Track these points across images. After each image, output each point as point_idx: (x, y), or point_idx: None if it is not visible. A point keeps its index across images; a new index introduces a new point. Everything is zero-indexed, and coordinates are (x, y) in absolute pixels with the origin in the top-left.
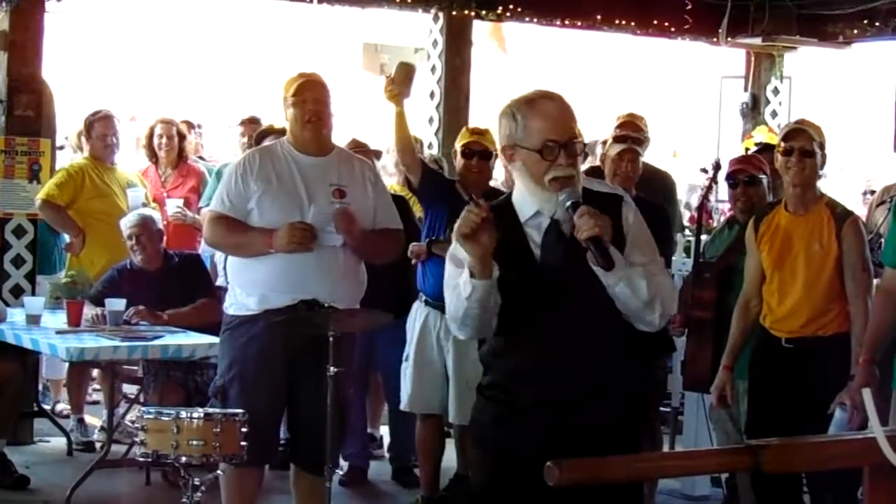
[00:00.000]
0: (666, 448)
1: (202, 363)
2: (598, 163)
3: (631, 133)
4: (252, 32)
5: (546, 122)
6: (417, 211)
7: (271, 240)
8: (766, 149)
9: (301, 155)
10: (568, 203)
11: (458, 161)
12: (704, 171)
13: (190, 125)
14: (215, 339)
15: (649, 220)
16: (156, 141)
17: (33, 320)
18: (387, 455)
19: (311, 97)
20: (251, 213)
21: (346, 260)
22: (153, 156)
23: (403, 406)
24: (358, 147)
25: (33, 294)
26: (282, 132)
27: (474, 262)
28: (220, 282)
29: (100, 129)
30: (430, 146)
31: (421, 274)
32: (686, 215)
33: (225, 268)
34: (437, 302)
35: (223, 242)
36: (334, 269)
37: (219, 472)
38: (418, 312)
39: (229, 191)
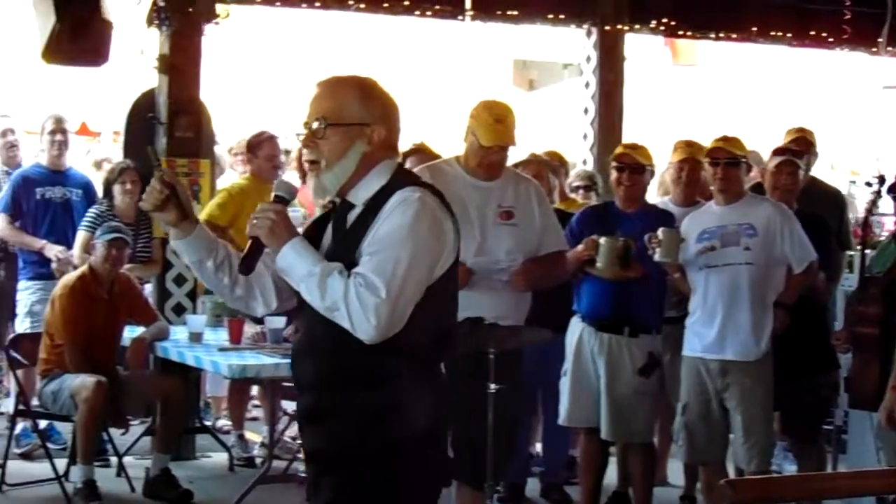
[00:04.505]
0: (829, 468)
1: None
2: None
3: (793, 146)
4: (403, 49)
5: None
6: None
7: None
8: None
9: (471, 178)
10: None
11: (612, 174)
12: (869, 184)
13: None
14: None
15: (807, 231)
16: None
17: (196, 338)
18: (537, 471)
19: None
20: None
21: None
22: (304, 175)
23: (561, 420)
24: (535, 160)
25: (195, 312)
26: (423, 151)
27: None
28: None
29: (267, 150)
30: (584, 162)
31: (576, 290)
32: None
33: None
34: (591, 318)
35: None
36: (500, 287)
37: None
38: (574, 328)
39: None
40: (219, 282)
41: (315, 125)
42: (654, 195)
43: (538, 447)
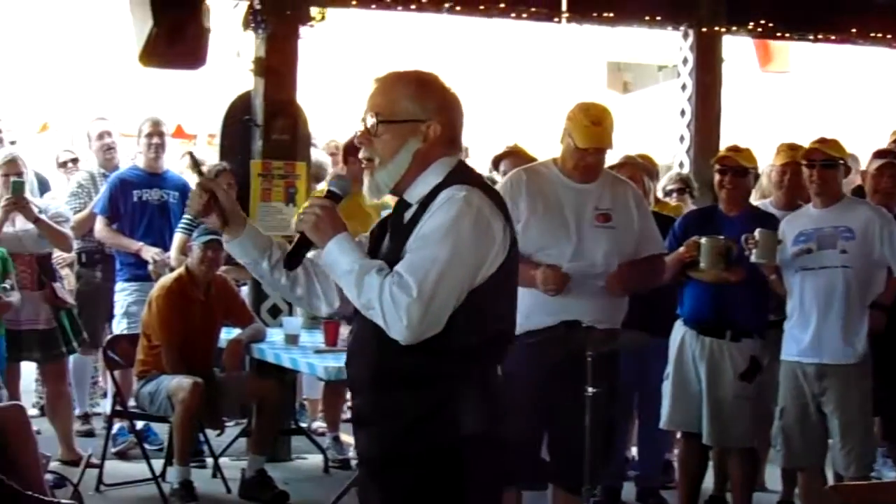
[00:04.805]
0: None
1: None
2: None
3: (894, 149)
4: (497, 51)
5: None
6: None
7: (533, 278)
8: None
9: (568, 180)
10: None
11: (715, 177)
12: None
13: None
14: None
15: None
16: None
17: (292, 340)
18: (632, 475)
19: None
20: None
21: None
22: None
23: (662, 424)
24: (629, 161)
25: (291, 314)
26: (517, 153)
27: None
28: None
29: None
30: (680, 165)
31: (679, 294)
32: None
33: None
34: (693, 322)
35: None
36: (597, 291)
37: None
38: (677, 331)
39: None
40: (276, 281)
41: (369, 122)
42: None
43: (634, 451)
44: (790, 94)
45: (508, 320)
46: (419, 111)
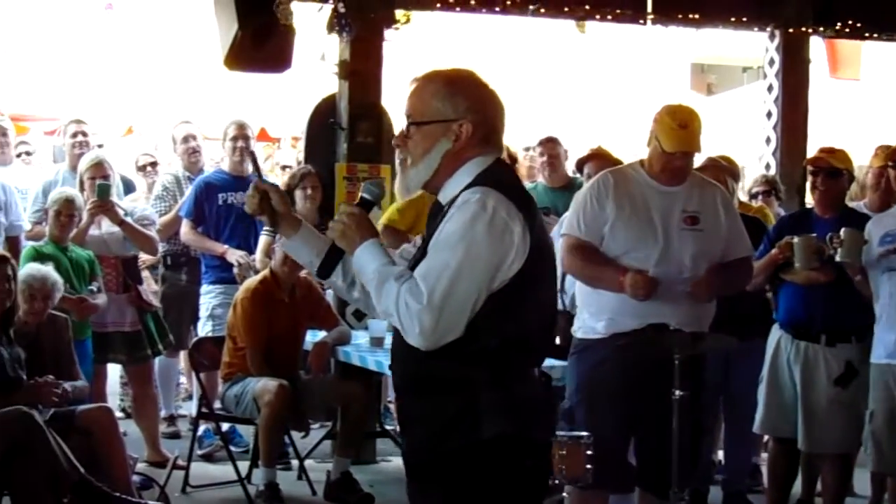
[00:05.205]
0: None
1: None
2: None
3: None
4: (580, 53)
5: None
6: None
7: (622, 283)
8: None
9: (655, 182)
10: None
11: (808, 179)
12: None
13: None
14: (555, 362)
15: None
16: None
17: (377, 342)
18: (718, 479)
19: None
20: (604, 237)
21: None
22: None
23: (756, 428)
24: (713, 164)
25: (376, 317)
26: (601, 156)
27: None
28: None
29: None
30: (766, 167)
31: (774, 297)
32: None
33: (560, 290)
34: (788, 325)
35: (579, 273)
36: (684, 294)
37: (563, 494)
38: (773, 335)
39: (584, 213)
40: (333, 283)
41: (404, 125)
42: None
43: (720, 454)
44: (859, 101)
45: (539, 323)
46: (450, 111)
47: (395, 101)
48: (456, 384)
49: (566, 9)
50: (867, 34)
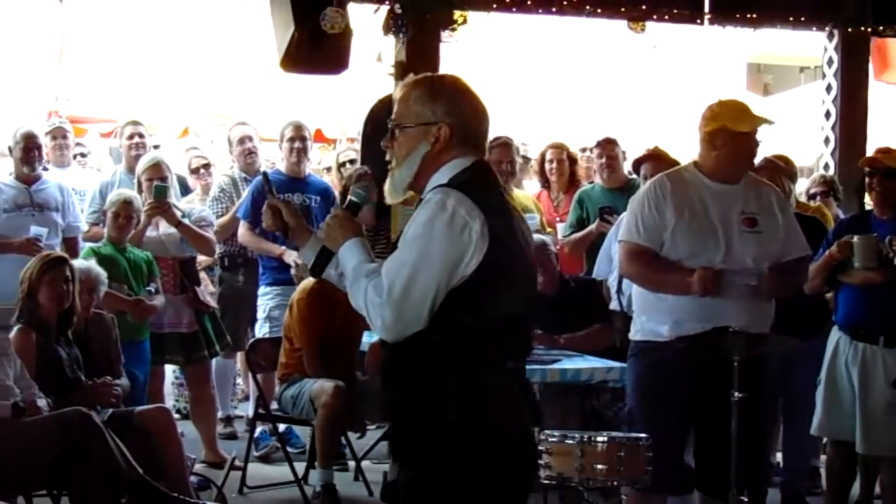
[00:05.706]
0: None
1: (599, 387)
2: None
3: None
4: (635, 53)
5: None
6: None
7: (688, 285)
8: None
9: (711, 182)
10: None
11: (865, 180)
12: None
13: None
14: (612, 364)
15: None
16: (547, 166)
17: None
18: (776, 481)
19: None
20: (664, 243)
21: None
22: (545, 181)
23: (813, 430)
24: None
25: None
26: (658, 157)
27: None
28: (612, 305)
29: (496, 156)
30: (825, 167)
31: (834, 298)
32: None
33: (617, 291)
34: (846, 327)
35: (643, 279)
36: (746, 296)
37: (622, 496)
38: (832, 336)
39: (643, 219)
40: (345, 289)
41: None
42: None
43: (779, 456)
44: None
45: (505, 318)
46: (429, 114)
47: None
48: (423, 373)
49: (623, 9)
50: None
